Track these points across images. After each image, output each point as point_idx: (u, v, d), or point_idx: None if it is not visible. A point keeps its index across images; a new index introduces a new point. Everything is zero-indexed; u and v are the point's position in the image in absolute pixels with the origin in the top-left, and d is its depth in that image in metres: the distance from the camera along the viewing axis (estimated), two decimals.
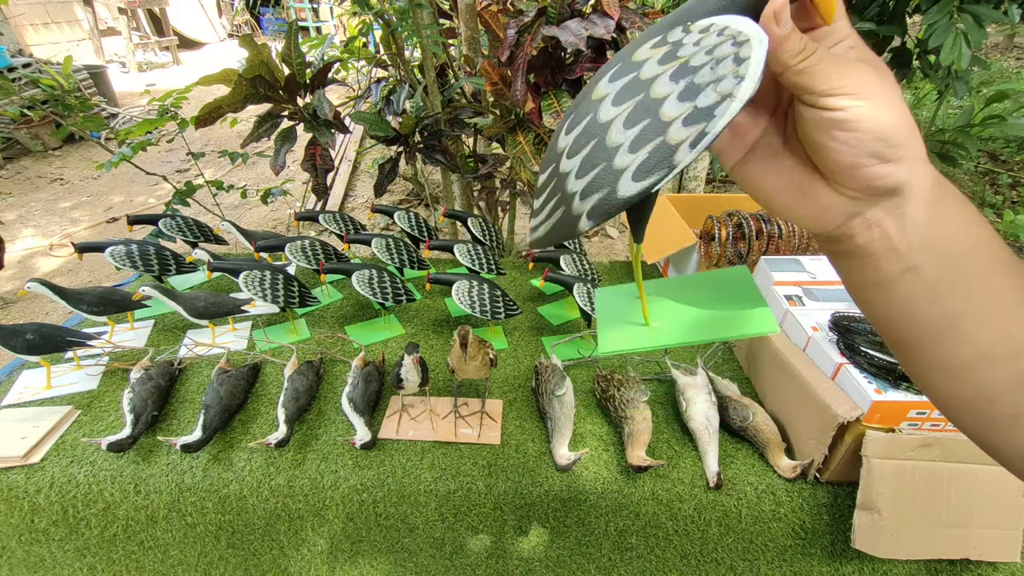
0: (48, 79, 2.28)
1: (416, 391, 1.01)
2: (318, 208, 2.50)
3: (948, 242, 0.30)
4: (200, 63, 7.67)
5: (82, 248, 1.30)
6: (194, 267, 1.40)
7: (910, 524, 0.83)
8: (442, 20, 1.88)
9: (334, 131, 1.52)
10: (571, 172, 0.32)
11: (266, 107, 1.48)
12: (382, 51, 2.06)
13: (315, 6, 7.80)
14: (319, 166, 1.55)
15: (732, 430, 1.00)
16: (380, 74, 2.42)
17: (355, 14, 2.24)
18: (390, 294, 1.22)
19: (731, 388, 1.05)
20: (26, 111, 3.00)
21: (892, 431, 0.83)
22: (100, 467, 0.92)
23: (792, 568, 0.93)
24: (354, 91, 2.91)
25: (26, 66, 4.39)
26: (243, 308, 1.22)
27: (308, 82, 1.51)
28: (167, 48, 7.66)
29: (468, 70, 1.71)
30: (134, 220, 1.43)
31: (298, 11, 7.78)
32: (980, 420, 0.32)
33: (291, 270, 1.47)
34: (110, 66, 6.10)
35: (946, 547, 0.85)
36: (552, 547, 0.95)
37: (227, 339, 1.23)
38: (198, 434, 0.92)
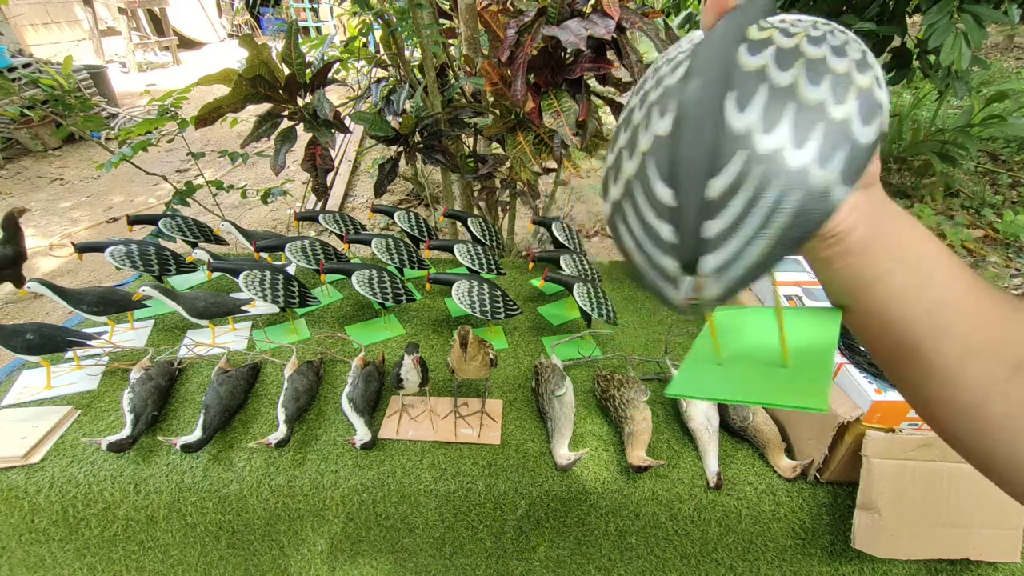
0: (48, 79, 2.28)
1: (416, 391, 1.01)
2: (318, 208, 2.50)
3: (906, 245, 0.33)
4: (200, 63, 7.67)
5: (82, 248, 1.30)
6: (194, 267, 1.40)
7: (910, 524, 0.83)
8: (442, 20, 1.88)
9: (334, 131, 1.52)
10: (780, 149, 0.25)
11: (266, 107, 1.48)
12: (382, 51, 2.06)
13: (315, 6, 7.80)
14: (319, 166, 1.55)
15: (732, 430, 1.00)
16: (380, 74, 2.42)
17: (355, 14, 2.24)
18: (390, 294, 1.22)
19: None
20: (26, 111, 3.00)
21: (892, 431, 0.83)
22: (100, 467, 0.92)
23: (792, 568, 0.93)
24: (354, 91, 2.91)
25: (26, 66, 4.38)
26: (243, 308, 1.22)
27: (308, 82, 1.51)
28: (167, 48, 7.66)
29: (468, 70, 1.71)
30: (134, 220, 1.43)
31: (298, 11, 7.78)
32: (975, 426, 0.33)
33: (291, 270, 1.47)
34: (110, 66, 6.10)
35: (946, 547, 0.85)
36: (552, 547, 0.95)
37: (227, 339, 1.23)
38: (198, 434, 0.92)
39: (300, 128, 1.53)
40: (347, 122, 1.67)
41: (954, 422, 0.34)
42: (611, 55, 1.40)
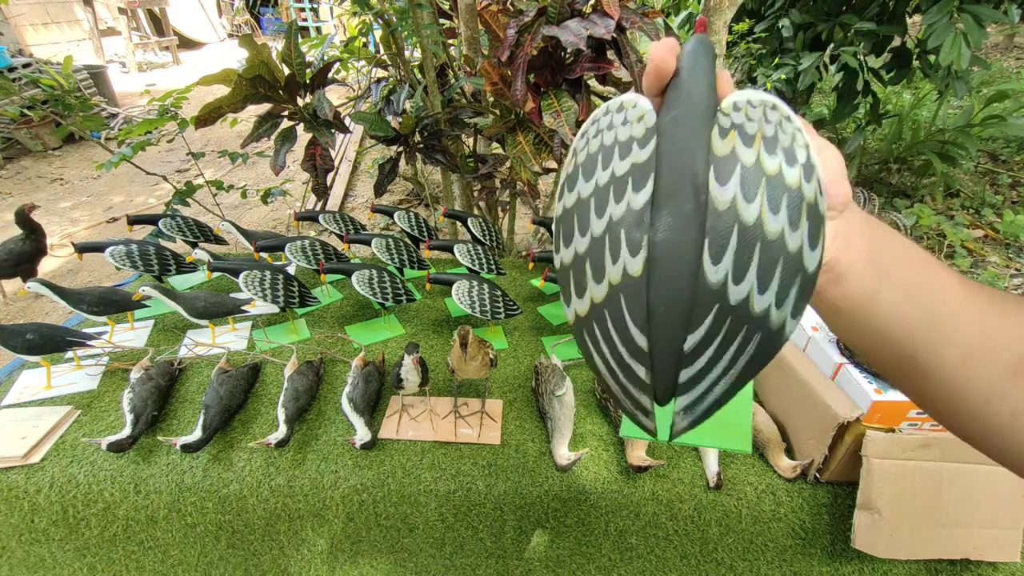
0: (48, 79, 2.28)
1: (416, 391, 1.01)
2: (318, 208, 2.50)
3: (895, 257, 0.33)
4: (200, 63, 7.67)
5: (82, 248, 1.30)
6: (194, 267, 1.40)
7: (910, 524, 0.83)
8: (442, 20, 1.88)
9: (334, 131, 1.52)
10: (747, 297, 0.27)
11: (266, 107, 1.48)
12: (382, 51, 2.06)
13: (315, 6, 7.80)
14: (319, 166, 1.55)
15: None
16: (380, 74, 2.42)
17: (355, 14, 2.24)
18: (390, 294, 1.22)
19: None
20: (26, 111, 3.00)
21: (892, 431, 0.83)
22: (100, 467, 0.92)
23: (792, 568, 0.93)
24: (354, 91, 2.91)
25: (26, 66, 4.38)
26: (243, 308, 1.22)
27: (308, 82, 1.51)
28: (167, 48, 7.66)
29: (468, 70, 1.71)
30: (134, 220, 1.43)
31: (297, 11, 7.78)
32: (982, 425, 0.33)
33: (291, 270, 1.47)
34: (110, 66, 6.10)
35: (946, 547, 0.85)
36: (552, 547, 0.95)
37: (227, 339, 1.23)
38: (198, 434, 0.92)
39: (300, 128, 1.53)
40: (347, 122, 1.67)
41: (960, 422, 0.34)
42: (611, 55, 1.40)
